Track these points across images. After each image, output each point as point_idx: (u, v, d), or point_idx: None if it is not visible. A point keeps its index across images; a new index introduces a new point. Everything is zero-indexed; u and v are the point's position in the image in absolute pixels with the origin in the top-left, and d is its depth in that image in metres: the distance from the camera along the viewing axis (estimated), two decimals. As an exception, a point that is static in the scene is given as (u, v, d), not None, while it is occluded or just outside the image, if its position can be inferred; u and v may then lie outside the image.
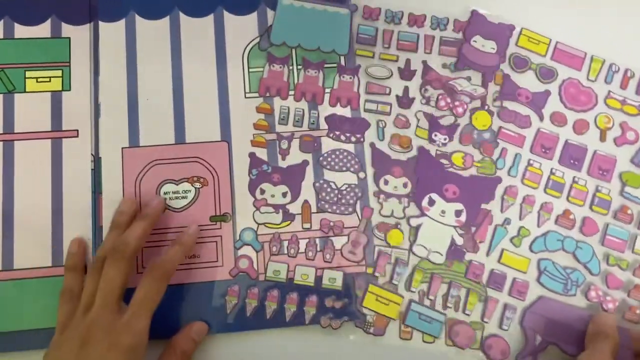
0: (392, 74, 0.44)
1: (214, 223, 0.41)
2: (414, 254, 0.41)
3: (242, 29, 0.44)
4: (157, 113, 0.42)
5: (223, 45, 0.43)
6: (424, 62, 0.44)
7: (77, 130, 0.42)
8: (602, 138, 0.44)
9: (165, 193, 0.41)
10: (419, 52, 0.44)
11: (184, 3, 0.44)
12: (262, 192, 0.42)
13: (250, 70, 0.43)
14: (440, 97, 0.44)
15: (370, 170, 0.42)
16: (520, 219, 0.42)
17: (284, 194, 0.42)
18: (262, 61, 0.43)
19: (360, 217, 0.42)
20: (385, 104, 0.44)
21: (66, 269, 0.39)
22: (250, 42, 0.44)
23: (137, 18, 0.44)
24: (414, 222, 0.42)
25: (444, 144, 0.43)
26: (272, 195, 0.42)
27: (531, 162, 0.43)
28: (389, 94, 0.44)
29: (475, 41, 0.45)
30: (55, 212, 0.41)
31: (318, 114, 0.43)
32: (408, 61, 0.44)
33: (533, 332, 0.40)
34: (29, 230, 0.40)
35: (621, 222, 0.42)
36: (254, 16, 0.44)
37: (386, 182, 0.42)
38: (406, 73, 0.44)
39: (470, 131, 0.43)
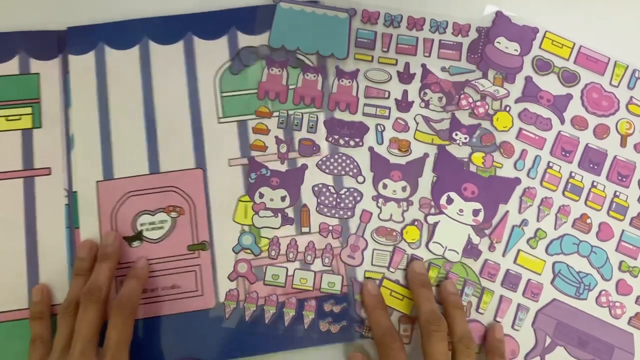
0: (391, 78, 0.44)
1: (192, 252, 0.40)
2: (430, 251, 0.41)
3: (212, 53, 0.43)
4: (130, 143, 0.41)
5: (194, 71, 0.43)
6: (423, 66, 0.44)
7: (50, 168, 0.41)
8: (623, 144, 0.44)
9: (141, 225, 0.40)
10: (418, 55, 0.44)
11: (154, 31, 0.43)
12: (261, 195, 0.42)
13: (223, 94, 0.43)
14: (462, 96, 0.44)
15: (369, 174, 0.43)
16: (537, 220, 0.42)
17: (283, 198, 0.42)
18: (233, 85, 0.43)
19: (359, 221, 0.42)
20: (384, 108, 0.44)
21: (32, 319, 0.38)
22: (221, 66, 0.43)
23: (107, 49, 0.43)
24: (431, 219, 0.42)
25: (465, 143, 0.43)
26: (271, 199, 0.42)
27: (551, 164, 0.43)
28: (388, 97, 0.44)
29: (499, 42, 0.45)
30: (29, 252, 0.40)
31: (317, 117, 0.43)
32: (407, 64, 0.44)
33: (544, 333, 0.41)
34: (2, 273, 0.39)
35: (637, 228, 0.42)
36: (224, 40, 0.44)
37: (385, 186, 0.42)
38: (405, 76, 0.44)
39: (491, 132, 0.43)
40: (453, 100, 0.44)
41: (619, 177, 0.43)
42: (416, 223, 0.42)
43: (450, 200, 0.42)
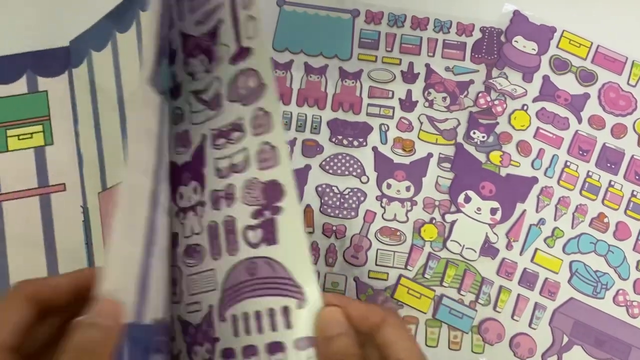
0: (394, 78, 0.44)
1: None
2: (447, 249, 0.41)
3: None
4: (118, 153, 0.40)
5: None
6: (427, 65, 0.44)
7: (64, 184, 0.42)
8: (640, 143, 0.44)
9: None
10: (422, 55, 0.44)
11: None
12: None
13: None
14: (480, 94, 0.44)
15: (373, 174, 0.43)
16: (555, 219, 0.42)
17: None
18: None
19: (363, 221, 0.42)
20: (388, 108, 0.44)
21: None
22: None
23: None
24: (448, 217, 0.42)
25: (482, 142, 0.43)
26: None
27: (568, 163, 0.43)
28: (392, 97, 0.44)
29: (517, 42, 0.45)
30: (50, 269, 0.40)
31: (320, 118, 0.43)
32: (411, 64, 0.44)
33: (561, 332, 0.41)
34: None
35: (654, 228, 0.43)
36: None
37: (389, 186, 0.42)
38: (409, 76, 0.44)
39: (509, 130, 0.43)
40: (457, 100, 0.44)
41: (637, 177, 0.43)
42: (434, 221, 0.42)
43: (468, 199, 0.42)
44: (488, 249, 0.41)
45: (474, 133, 0.43)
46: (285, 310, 0.28)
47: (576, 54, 0.45)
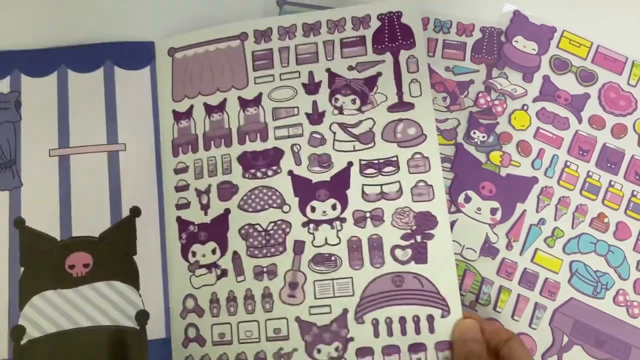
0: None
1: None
2: (447, 249, 0.42)
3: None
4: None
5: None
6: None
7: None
8: (641, 143, 0.44)
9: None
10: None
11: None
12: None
13: None
14: (480, 94, 0.44)
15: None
16: (555, 219, 0.42)
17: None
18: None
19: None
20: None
21: None
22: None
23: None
24: (449, 218, 0.42)
25: (483, 142, 0.43)
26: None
27: (568, 163, 0.43)
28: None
29: (517, 42, 0.45)
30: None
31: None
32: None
33: (561, 332, 0.41)
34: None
35: (655, 228, 0.43)
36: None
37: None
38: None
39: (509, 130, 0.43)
40: (457, 100, 0.43)
41: (637, 177, 0.43)
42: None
43: (468, 199, 0.42)
44: (488, 249, 0.41)
45: (474, 133, 0.43)
46: (430, 318, 0.36)
47: (576, 54, 0.45)
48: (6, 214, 0.40)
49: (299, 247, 0.39)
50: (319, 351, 0.37)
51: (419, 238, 0.38)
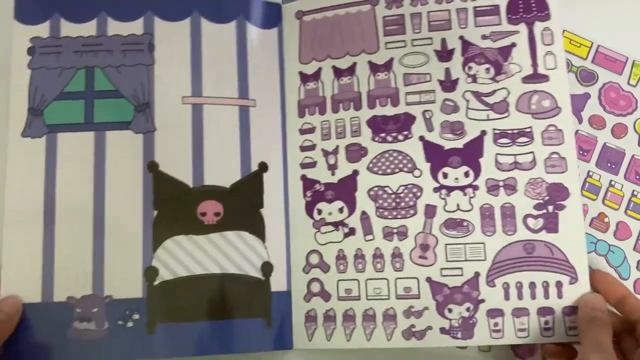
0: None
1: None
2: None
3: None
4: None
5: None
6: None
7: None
8: (641, 143, 0.44)
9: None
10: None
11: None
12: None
13: None
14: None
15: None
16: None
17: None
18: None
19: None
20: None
21: None
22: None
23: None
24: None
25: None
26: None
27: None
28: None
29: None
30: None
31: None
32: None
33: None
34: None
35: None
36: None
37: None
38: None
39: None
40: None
41: (637, 177, 0.44)
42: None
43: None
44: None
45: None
46: (559, 284, 0.38)
47: (576, 54, 0.45)
48: (140, 157, 0.41)
49: (430, 211, 0.40)
50: (450, 310, 0.38)
51: (550, 208, 0.38)
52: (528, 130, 0.40)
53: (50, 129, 0.41)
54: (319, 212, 0.41)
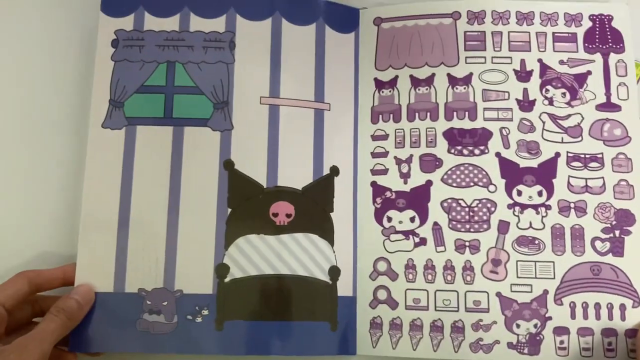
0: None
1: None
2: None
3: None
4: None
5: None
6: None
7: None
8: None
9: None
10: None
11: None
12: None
13: None
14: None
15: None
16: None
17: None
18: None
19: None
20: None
21: None
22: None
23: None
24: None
25: None
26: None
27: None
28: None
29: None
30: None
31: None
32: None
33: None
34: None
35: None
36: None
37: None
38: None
39: None
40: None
41: None
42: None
43: None
44: None
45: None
46: (622, 307, 0.39)
47: None
48: (217, 154, 0.40)
49: (503, 227, 0.40)
50: (517, 326, 0.39)
51: (617, 233, 0.40)
52: (599, 156, 0.41)
53: (130, 122, 0.41)
54: (389, 219, 0.41)
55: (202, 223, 0.40)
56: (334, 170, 0.42)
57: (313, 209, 0.41)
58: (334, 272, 0.40)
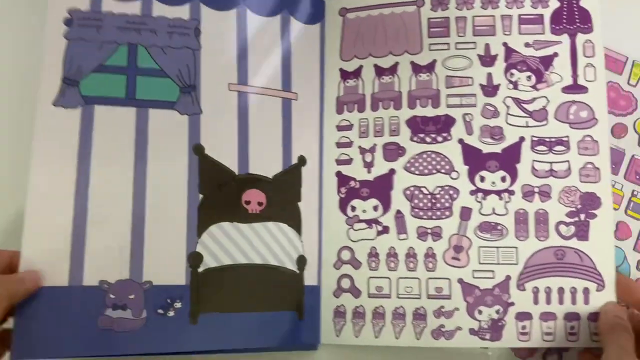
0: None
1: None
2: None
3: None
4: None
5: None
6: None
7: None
8: (642, 143, 0.45)
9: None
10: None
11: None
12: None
13: None
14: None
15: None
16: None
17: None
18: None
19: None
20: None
21: None
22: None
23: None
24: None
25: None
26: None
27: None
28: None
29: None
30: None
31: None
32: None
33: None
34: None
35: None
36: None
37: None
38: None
39: None
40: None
41: (637, 177, 0.44)
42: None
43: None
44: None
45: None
46: (586, 291, 0.39)
47: None
48: (186, 138, 0.40)
49: (465, 213, 0.40)
50: (480, 312, 0.39)
51: (582, 216, 0.39)
52: (565, 139, 0.40)
53: (87, 100, 0.38)
54: (353, 209, 0.42)
55: (172, 209, 0.38)
56: (302, 160, 0.42)
57: (283, 198, 0.41)
58: (302, 261, 0.41)
